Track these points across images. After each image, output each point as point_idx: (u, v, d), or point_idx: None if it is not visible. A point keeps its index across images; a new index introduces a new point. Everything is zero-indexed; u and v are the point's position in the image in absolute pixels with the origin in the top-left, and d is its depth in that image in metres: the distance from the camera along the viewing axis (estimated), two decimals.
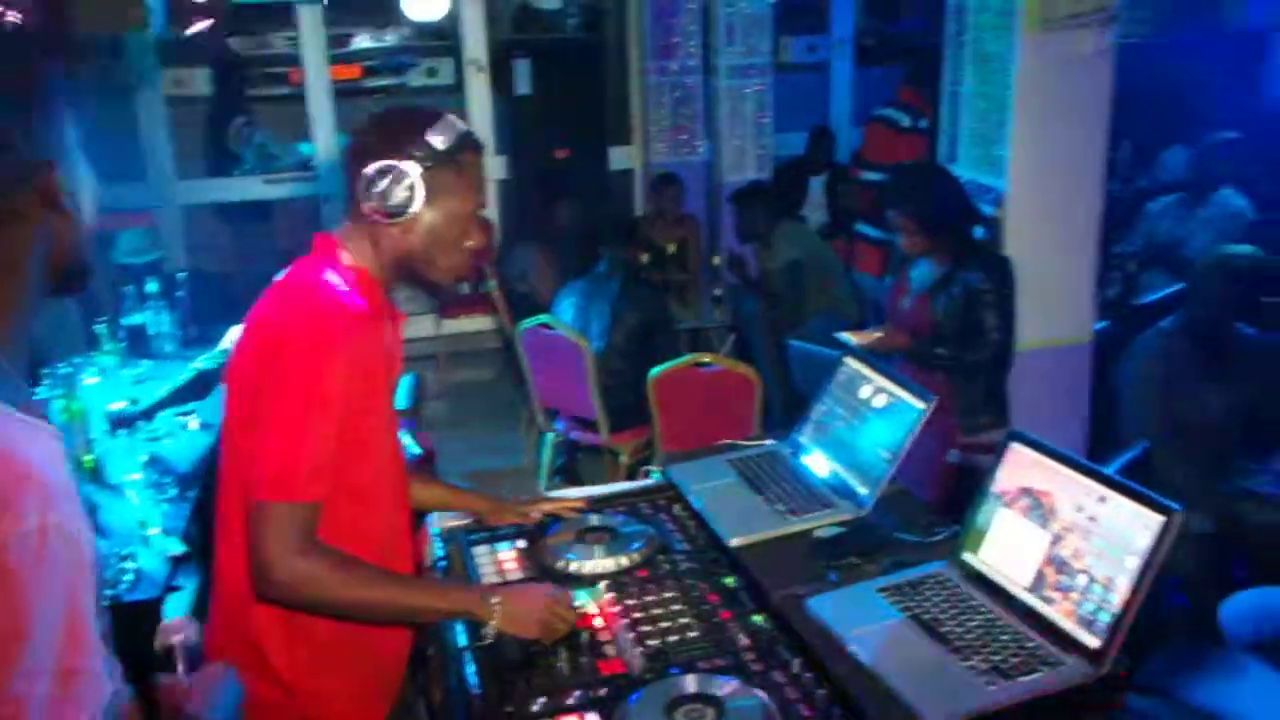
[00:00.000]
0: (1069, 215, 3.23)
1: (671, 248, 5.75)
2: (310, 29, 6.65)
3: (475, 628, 1.69)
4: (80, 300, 4.16)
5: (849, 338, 3.28)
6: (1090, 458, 3.39)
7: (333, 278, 1.66)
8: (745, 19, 6.28)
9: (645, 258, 5.29)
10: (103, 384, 3.69)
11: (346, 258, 1.70)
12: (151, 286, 4.25)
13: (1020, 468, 1.72)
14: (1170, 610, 3.34)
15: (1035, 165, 3.18)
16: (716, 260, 5.42)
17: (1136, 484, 1.53)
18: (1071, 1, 3.00)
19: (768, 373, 4.67)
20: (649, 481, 2.39)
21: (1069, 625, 1.55)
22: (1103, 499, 1.57)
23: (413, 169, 1.61)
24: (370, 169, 1.61)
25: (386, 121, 1.67)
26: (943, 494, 3.14)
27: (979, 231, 3.20)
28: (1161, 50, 7.03)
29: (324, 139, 6.73)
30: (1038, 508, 1.66)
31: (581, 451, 4.89)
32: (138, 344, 4.24)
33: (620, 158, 7.08)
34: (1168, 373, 3.32)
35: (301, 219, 6.75)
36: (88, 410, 3.12)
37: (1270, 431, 3.37)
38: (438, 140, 1.62)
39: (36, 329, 1.14)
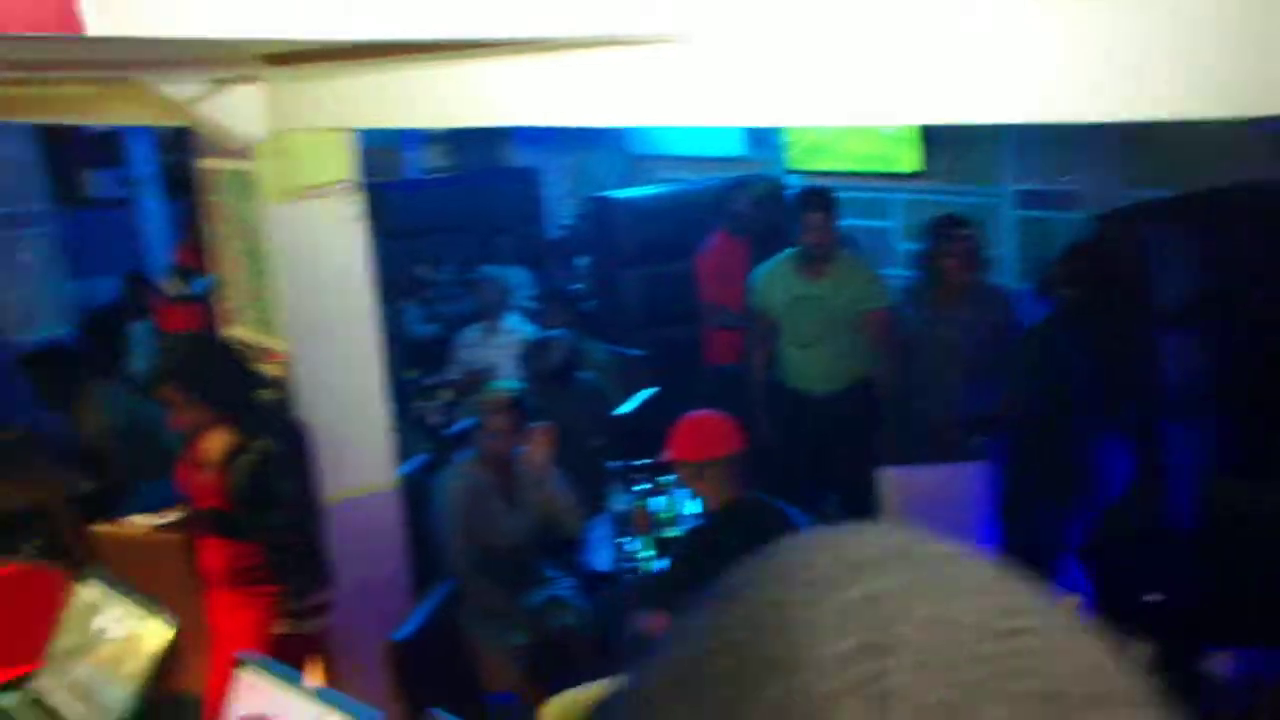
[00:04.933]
0: (352, 368, 3.34)
1: None
2: None
3: None
4: None
5: (142, 520, 3.03)
6: (415, 596, 3.54)
7: None
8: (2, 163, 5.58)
9: None
10: None
11: None
12: None
13: (253, 695, 1.67)
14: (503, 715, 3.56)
15: (309, 324, 3.24)
16: (4, 435, 4.71)
17: (347, 699, 1.55)
18: (307, 176, 3.13)
19: (84, 559, 4.15)
20: None
21: None
22: (324, 716, 1.56)
23: None
24: None
25: None
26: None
27: (267, 396, 3.16)
28: (464, 181, 7.79)
29: None
30: None
31: None
32: None
33: None
34: (468, 501, 3.56)
35: None
36: None
37: (562, 542, 3.79)
38: None
39: None
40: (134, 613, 1.97)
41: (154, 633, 1.89)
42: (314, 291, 3.21)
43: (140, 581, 2.34)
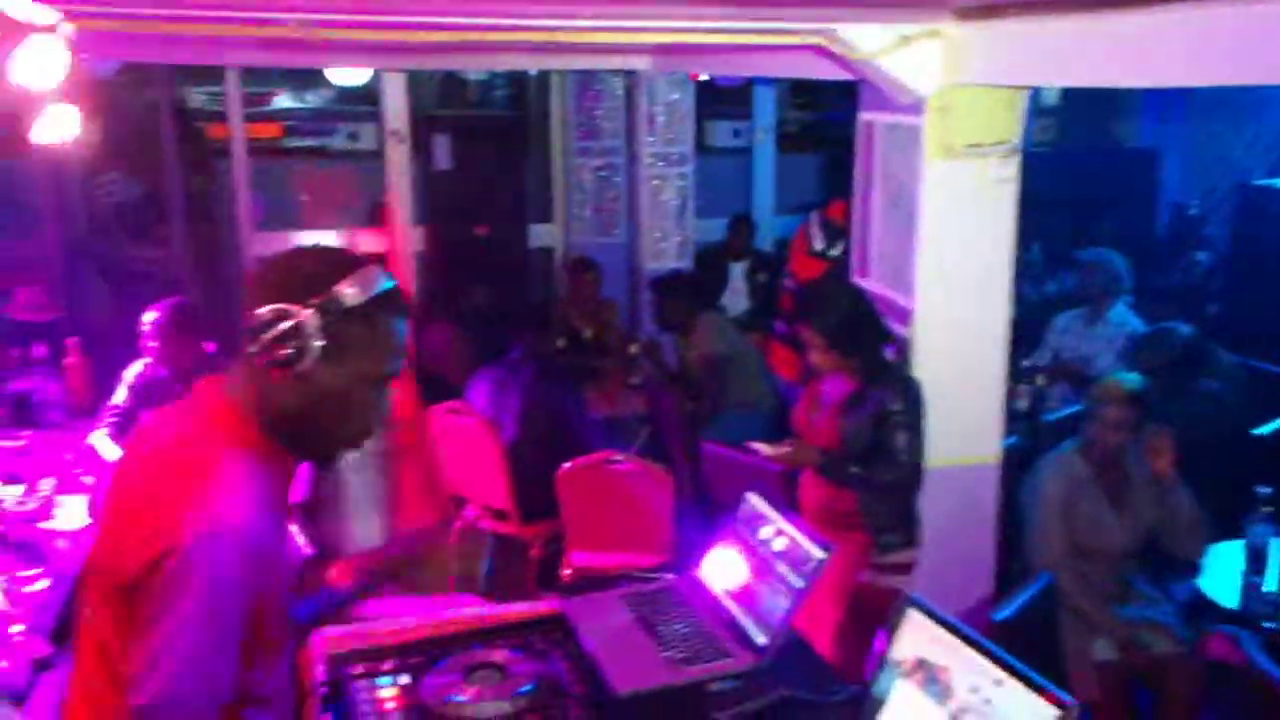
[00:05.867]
0: (976, 336, 3.26)
1: (590, 333, 5.68)
2: (230, 84, 6.53)
3: None
4: None
5: (761, 448, 3.23)
6: (1000, 579, 3.41)
7: (232, 460, 1.46)
8: (667, 108, 6.34)
9: (562, 343, 5.22)
10: None
11: (235, 412, 1.51)
12: (38, 350, 4.07)
13: (918, 637, 1.68)
14: None
15: (942, 286, 3.22)
16: (634, 348, 5.36)
17: (1034, 672, 1.49)
18: (971, 134, 3.06)
19: (681, 468, 4.61)
20: (544, 607, 2.30)
21: None
22: (998, 682, 1.52)
23: (312, 320, 1.43)
24: (263, 311, 1.45)
25: (295, 259, 1.51)
26: (852, 614, 3.10)
27: (889, 350, 3.20)
28: (1066, 158, 7.31)
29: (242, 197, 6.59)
30: (934, 683, 1.61)
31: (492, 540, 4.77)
32: (20, 413, 4.05)
33: (541, 236, 7.05)
34: (1069, 495, 3.34)
35: None
36: None
37: (1168, 560, 3.41)
38: (349, 292, 1.45)
39: None
40: (790, 529, 2.09)
41: (817, 551, 2.00)
42: (953, 253, 3.18)
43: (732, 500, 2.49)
